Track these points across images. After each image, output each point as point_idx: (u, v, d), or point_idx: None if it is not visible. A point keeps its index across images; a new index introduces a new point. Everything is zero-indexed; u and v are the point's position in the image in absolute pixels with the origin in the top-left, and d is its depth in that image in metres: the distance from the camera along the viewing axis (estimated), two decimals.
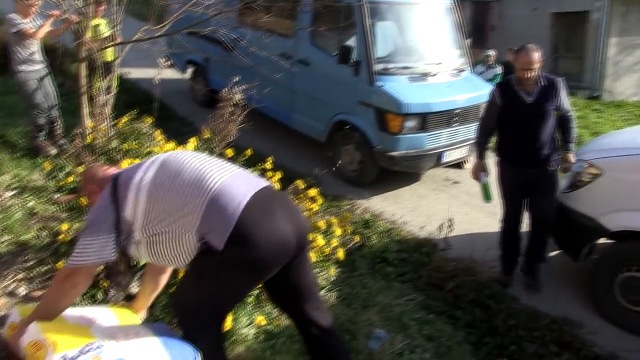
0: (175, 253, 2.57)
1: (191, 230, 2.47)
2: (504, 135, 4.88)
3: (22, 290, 3.56)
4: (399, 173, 6.99)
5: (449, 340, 4.20)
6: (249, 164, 4.52)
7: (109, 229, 2.54)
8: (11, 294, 3.53)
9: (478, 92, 6.97)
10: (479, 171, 5.00)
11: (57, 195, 4.70)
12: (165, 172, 2.60)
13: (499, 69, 10.56)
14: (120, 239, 2.56)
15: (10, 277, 3.66)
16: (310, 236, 3.96)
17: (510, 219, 5.00)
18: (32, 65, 5.60)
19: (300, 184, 4.22)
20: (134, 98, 8.26)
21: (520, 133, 4.68)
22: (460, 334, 4.36)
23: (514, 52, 4.75)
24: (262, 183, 2.67)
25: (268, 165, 4.48)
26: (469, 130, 6.90)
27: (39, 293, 3.57)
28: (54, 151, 5.59)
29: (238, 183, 2.56)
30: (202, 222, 2.44)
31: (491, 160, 5.07)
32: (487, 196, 4.99)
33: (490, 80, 9.62)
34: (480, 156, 5.00)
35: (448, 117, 6.64)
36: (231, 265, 2.47)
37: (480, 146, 5.03)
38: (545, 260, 5.14)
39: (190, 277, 2.66)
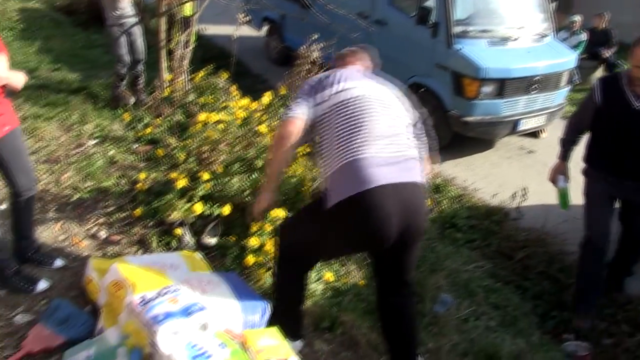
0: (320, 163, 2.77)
1: (326, 173, 2.62)
2: (599, 140, 3.95)
3: (103, 234, 3.73)
4: (473, 139, 6.85)
5: (516, 310, 4.15)
6: None
7: (308, 96, 2.74)
8: (93, 236, 3.71)
9: (560, 59, 6.71)
10: (558, 174, 4.22)
11: (135, 146, 4.85)
12: (347, 107, 2.65)
13: (584, 36, 10.07)
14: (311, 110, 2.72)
15: (92, 221, 3.83)
16: None
17: (598, 241, 4.02)
18: (123, 20, 5.72)
19: None
20: (209, 54, 8.36)
21: (622, 142, 3.79)
22: (527, 305, 4.30)
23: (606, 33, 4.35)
24: (407, 176, 2.59)
25: None
26: (548, 99, 6.67)
27: (117, 237, 3.72)
28: (132, 100, 5.73)
29: (380, 163, 2.53)
30: (331, 176, 2.57)
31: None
32: (564, 203, 4.29)
33: (574, 47, 9.20)
34: (563, 157, 4.20)
35: (527, 84, 6.42)
36: (335, 225, 2.58)
37: (565, 145, 4.20)
38: (634, 273, 4.54)
39: (305, 212, 3.03)
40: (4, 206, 3.69)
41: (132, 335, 2.43)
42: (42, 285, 3.09)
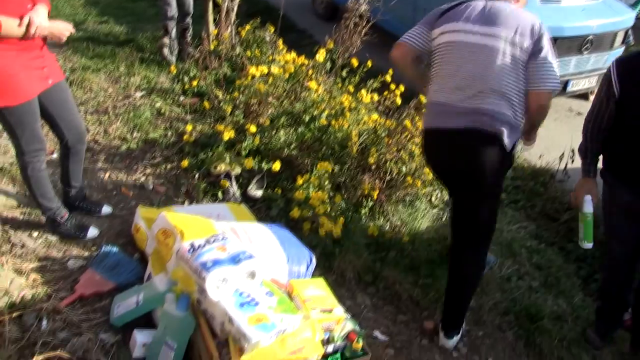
0: None
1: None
2: (621, 140, 3.00)
3: (150, 185, 3.79)
4: None
5: (559, 271, 4.11)
6: (368, 76, 4.48)
7: (425, 25, 3.01)
8: (140, 187, 3.77)
9: (616, 17, 6.44)
10: (584, 194, 3.15)
11: (182, 98, 4.88)
12: (447, 51, 2.86)
13: None
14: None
15: (139, 171, 3.90)
16: None
17: (619, 262, 3.29)
18: None
19: (423, 98, 4.14)
20: (254, 8, 8.28)
21: None
22: (570, 267, 4.25)
23: None
24: (474, 125, 2.73)
25: (388, 78, 4.41)
26: (600, 60, 6.45)
27: (164, 188, 3.78)
28: (176, 51, 5.73)
29: (450, 111, 2.78)
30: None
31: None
32: (588, 234, 3.19)
33: (632, 5, 8.80)
34: (588, 172, 3.16)
35: (579, 43, 6.21)
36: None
37: (588, 155, 3.16)
38: None
39: None
40: (55, 155, 3.77)
41: (180, 281, 2.48)
42: (92, 232, 3.17)
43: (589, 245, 3.21)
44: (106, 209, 3.40)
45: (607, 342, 3.51)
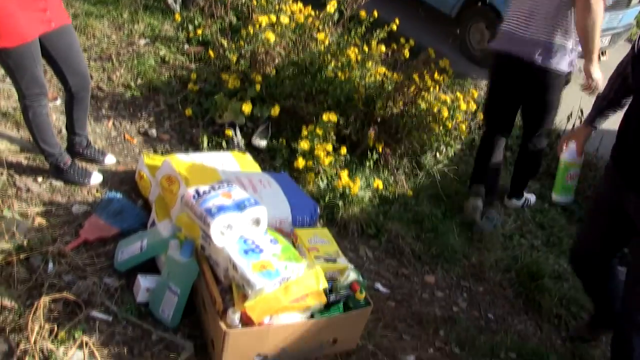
0: None
1: None
2: (628, 122, 2.47)
3: (154, 132, 3.76)
4: None
5: (561, 231, 4.12)
6: (374, 26, 4.40)
7: None
8: (144, 134, 3.75)
9: None
10: (570, 140, 2.87)
11: (186, 46, 4.81)
12: None
13: None
14: None
15: (143, 119, 3.86)
16: (435, 107, 3.91)
17: (582, 245, 2.91)
18: None
19: (431, 52, 4.08)
20: None
21: None
22: (573, 228, 4.25)
23: None
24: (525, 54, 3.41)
25: (394, 27, 4.33)
26: (615, 18, 6.30)
27: (167, 136, 3.76)
28: (177, 6, 5.62)
29: (513, 37, 3.49)
30: None
31: None
32: (557, 187, 2.94)
33: None
34: (589, 120, 2.82)
35: None
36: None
37: (598, 105, 2.78)
38: None
39: None
40: (59, 102, 3.74)
41: (185, 227, 2.48)
42: (96, 178, 3.16)
43: (558, 198, 2.98)
44: (110, 159, 3.38)
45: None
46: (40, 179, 3.08)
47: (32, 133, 2.94)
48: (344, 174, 3.41)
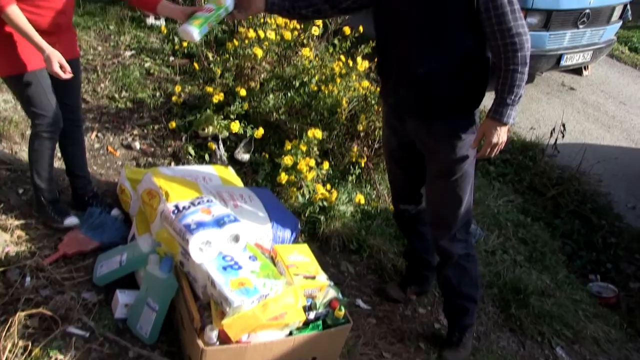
0: None
1: None
2: (386, 59, 2.60)
3: (137, 145, 3.75)
4: None
5: (544, 247, 4.14)
6: (359, 41, 4.39)
7: None
8: (128, 146, 3.73)
9: None
10: None
11: (172, 59, 4.81)
12: None
13: None
14: None
15: (127, 131, 3.85)
16: None
17: (395, 197, 3.03)
18: None
19: None
20: None
21: (395, 45, 2.49)
22: (556, 243, 4.28)
23: None
24: None
25: None
26: (596, 34, 6.39)
27: (150, 149, 3.75)
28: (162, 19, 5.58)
29: None
30: None
31: None
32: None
33: None
34: None
35: (575, 17, 6.15)
36: None
37: None
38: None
39: None
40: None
41: (164, 243, 2.47)
42: (71, 221, 2.94)
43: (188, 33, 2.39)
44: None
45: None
46: (21, 191, 3.06)
47: (30, 160, 2.82)
48: (320, 186, 3.41)
